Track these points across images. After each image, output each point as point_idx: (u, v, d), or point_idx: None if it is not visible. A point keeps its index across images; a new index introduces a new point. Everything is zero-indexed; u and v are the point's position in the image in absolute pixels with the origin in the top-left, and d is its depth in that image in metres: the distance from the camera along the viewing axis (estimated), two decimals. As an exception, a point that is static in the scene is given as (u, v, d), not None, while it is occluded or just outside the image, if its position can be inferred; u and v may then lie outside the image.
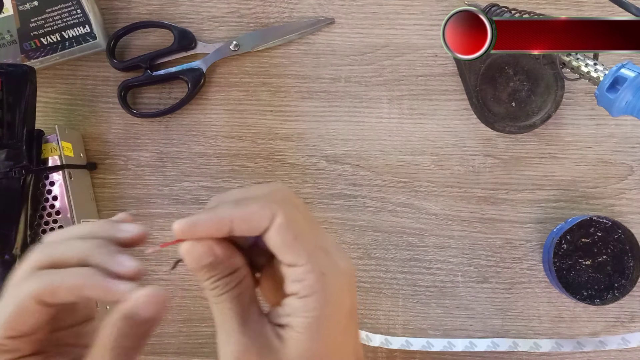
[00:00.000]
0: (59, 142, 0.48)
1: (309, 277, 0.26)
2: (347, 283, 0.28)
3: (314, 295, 0.26)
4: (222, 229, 0.27)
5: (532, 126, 0.50)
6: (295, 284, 0.27)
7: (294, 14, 0.53)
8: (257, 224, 0.27)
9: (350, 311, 0.28)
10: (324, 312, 0.26)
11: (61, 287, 0.27)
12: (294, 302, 0.27)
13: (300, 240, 0.27)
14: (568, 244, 0.48)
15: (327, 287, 0.26)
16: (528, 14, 0.45)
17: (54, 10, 0.49)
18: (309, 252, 0.27)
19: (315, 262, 0.27)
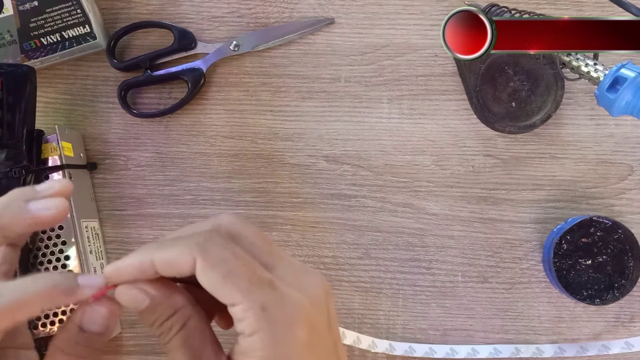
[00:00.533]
0: (59, 142, 0.48)
1: (248, 315, 0.25)
2: (300, 313, 0.26)
3: (257, 334, 0.25)
4: (146, 272, 0.26)
5: (532, 126, 0.50)
6: (239, 323, 0.25)
7: (294, 14, 0.53)
8: (179, 268, 0.26)
9: (310, 343, 0.26)
10: (271, 351, 0.25)
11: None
12: (242, 341, 0.26)
13: (231, 279, 0.25)
14: (568, 244, 0.48)
15: (269, 323, 0.25)
16: (528, 14, 0.45)
17: (54, 10, 0.49)
18: (244, 290, 0.25)
19: (253, 298, 0.25)
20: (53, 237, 0.48)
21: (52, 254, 0.48)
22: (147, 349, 0.52)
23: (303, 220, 0.52)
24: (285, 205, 0.52)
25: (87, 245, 0.49)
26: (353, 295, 0.52)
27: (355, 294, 0.52)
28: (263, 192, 0.52)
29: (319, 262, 0.52)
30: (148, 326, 0.27)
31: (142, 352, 0.52)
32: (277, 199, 0.52)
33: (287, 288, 0.26)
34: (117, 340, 0.52)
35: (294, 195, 0.52)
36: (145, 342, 0.52)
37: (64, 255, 0.48)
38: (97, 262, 0.50)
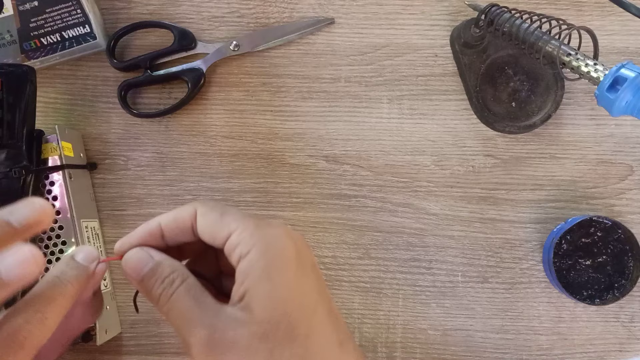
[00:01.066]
0: (59, 142, 0.48)
1: (243, 235, 0.28)
2: (284, 231, 0.30)
3: (253, 248, 0.28)
4: (154, 234, 0.31)
5: (532, 126, 0.50)
6: (236, 250, 0.28)
7: (294, 14, 0.53)
8: (183, 222, 0.30)
9: (298, 255, 0.29)
10: (268, 257, 0.28)
11: None
12: (240, 266, 0.28)
13: (226, 215, 0.29)
14: (568, 244, 0.48)
15: (263, 236, 0.29)
16: (528, 14, 0.45)
17: (54, 10, 0.49)
18: (237, 220, 0.29)
19: (245, 223, 0.29)
20: (53, 237, 0.48)
21: (52, 254, 0.48)
22: (147, 349, 0.52)
23: (303, 220, 0.52)
24: (285, 205, 0.52)
25: (87, 245, 0.49)
26: (353, 295, 0.52)
27: (355, 294, 0.52)
28: (263, 192, 0.52)
29: (319, 262, 0.52)
30: (148, 291, 0.29)
31: (142, 352, 0.52)
32: (277, 199, 0.52)
33: (274, 221, 0.32)
34: (117, 340, 0.52)
35: (294, 195, 0.52)
36: (145, 342, 0.52)
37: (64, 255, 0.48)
38: (97, 262, 0.50)
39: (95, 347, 0.50)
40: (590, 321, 0.51)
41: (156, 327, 0.52)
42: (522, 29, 0.44)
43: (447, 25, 0.52)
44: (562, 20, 0.43)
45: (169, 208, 0.52)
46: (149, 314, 0.52)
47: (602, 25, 0.52)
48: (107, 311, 0.50)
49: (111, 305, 0.51)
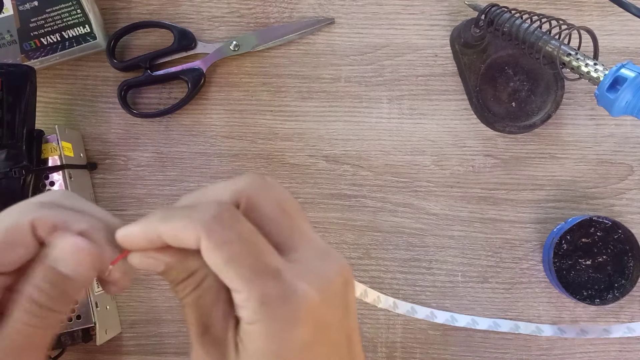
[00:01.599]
0: (59, 142, 0.48)
1: (248, 306, 0.24)
2: (304, 310, 0.24)
3: (255, 325, 0.24)
4: (154, 242, 0.25)
5: (532, 126, 0.50)
6: (240, 310, 0.24)
7: (294, 14, 0.53)
8: (185, 243, 0.24)
9: (312, 342, 0.24)
10: (268, 345, 0.24)
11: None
12: (243, 326, 0.24)
13: (233, 264, 0.24)
14: (568, 244, 0.48)
15: (270, 318, 0.23)
16: (528, 14, 0.45)
17: (54, 10, 0.49)
18: (245, 278, 0.23)
19: (253, 289, 0.23)
20: (53, 237, 0.48)
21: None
22: (147, 349, 0.52)
23: (303, 220, 0.52)
24: (285, 205, 0.52)
25: (87, 245, 0.49)
26: (353, 295, 0.52)
27: (355, 294, 0.52)
28: (263, 192, 0.52)
29: (319, 262, 0.52)
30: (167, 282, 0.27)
31: (142, 352, 0.52)
32: (277, 199, 0.52)
33: (296, 280, 0.24)
34: (117, 340, 0.52)
35: (294, 195, 0.52)
36: (145, 342, 0.52)
37: (64, 255, 0.48)
38: (97, 262, 0.50)
39: (95, 347, 0.50)
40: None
41: (156, 327, 0.52)
42: (522, 29, 0.44)
43: (447, 25, 0.52)
44: (562, 20, 0.43)
45: (169, 208, 0.52)
46: (149, 314, 0.52)
47: (602, 25, 0.52)
48: (107, 311, 0.50)
49: (111, 305, 0.51)
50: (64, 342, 0.48)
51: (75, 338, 0.48)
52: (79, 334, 0.48)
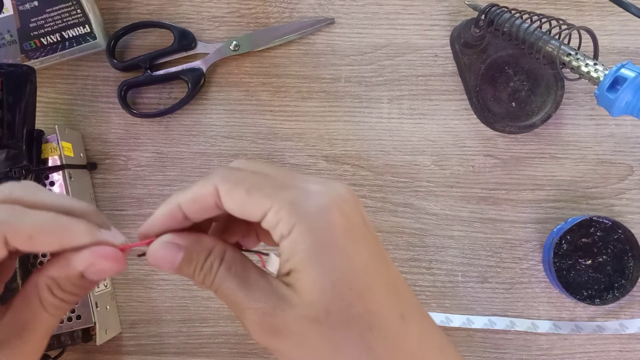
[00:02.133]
0: (59, 142, 0.48)
1: (280, 215, 0.25)
2: (328, 200, 0.26)
3: (294, 229, 0.25)
4: (176, 216, 0.27)
5: (532, 126, 0.50)
6: (276, 230, 0.25)
7: (294, 14, 0.53)
8: (205, 202, 0.26)
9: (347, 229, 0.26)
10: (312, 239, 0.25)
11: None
12: (283, 245, 0.26)
13: (254, 191, 0.26)
14: (568, 244, 0.48)
15: (303, 214, 0.25)
16: (528, 14, 0.45)
17: (54, 10, 0.49)
18: (270, 195, 0.25)
19: (279, 199, 0.25)
20: (53, 237, 0.48)
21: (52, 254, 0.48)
22: (147, 349, 0.52)
23: (303, 220, 0.52)
24: (285, 205, 0.52)
25: (87, 245, 0.49)
26: (353, 295, 0.52)
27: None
28: (263, 192, 0.52)
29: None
30: (189, 277, 0.27)
31: (142, 352, 0.52)
32: (277, 199, 0.52)
33: (312, 185, 0.26)
34: (117, 340, 0.52)
35: (294, 195, 0.52)
36: (145, 342, 0.52)
37: (64, 255, 0.48)
38: (97, 262, 0.50)
39: (95, 347, 0.50)
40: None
41: (156, 327, 0.52)
42: (522, 29, 0.44)
43: (447, 25, 0.52)
44: (562, 20, 0.43)
45: (169, 208, 0.52)
46: (149, 314, 0.52)
47: (602, 25, 0.52)
48: (107, 311, 0.50)
49: (111, 305, 0.51)
50: (64, 342, 0.48)
51: (75, 338, 0.48)
52: (79, 334, 0.48)
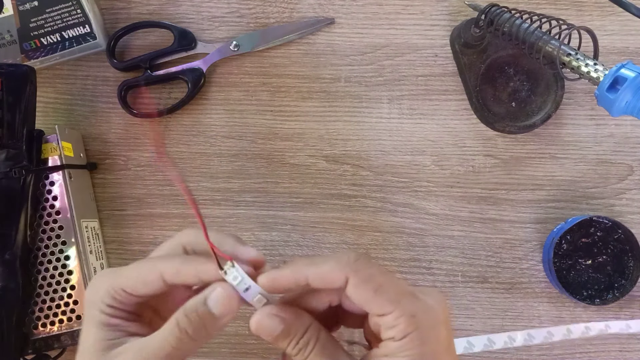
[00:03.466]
0: (59, 142, 0.48)
1: (400, 322, 0.28)
2: (441, 316, 0.30)
3: (409, 336, 0.28)
4: (299, 283, 0.30)
5: (532, 126, 0.50)
6: (389, 330, 0.29)
7: (294, 14, 0.53)
8: (330, 283, 0.29)
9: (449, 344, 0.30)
10: (421, 350, 0.29)
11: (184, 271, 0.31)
12: (390, 344, 0.29)
13: (381, 292, 0.29)
14: (568, 244, 0.48)
15: (420, 327, 0.29)
16: (528, 14, 0.45)
17: (54, 10, 0.49)
18: (394, 300, 0.29)
19: (402, 307, 0.29)
20: (53, 237, 0.48)
21: (52, 254, 0.48)
22: (147, 349, 0.52)
23: (303, 220, 0.52)
24: (285, 205, 0.52)
25: (87, 245, 0.49)
26: (353, 295, 0.52)
27: (355, 294, 0.52)
28: (263, 192, 0.52)
29: (319, 262, 0.52)
30: (283, 348, 0.30)
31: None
32: (277, 199, 0.52)
33: (426, 297, 0.30)
34: (117, 340, 0.52)
35: (294, 195, 0.52)
36: (145, 342, 0.52)
37: (64, 255, 0.48)
38: (97, 262, 0.50)
39: (95, 347, 0.50)
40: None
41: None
42: (522, 29, 0.44)
43: (447, 25, 0.52)
44: (562, 20, 0.43)
45: (168, 208, 0.52)
46: (149, 314, 0.52)
47: (602, 25, 0.52)
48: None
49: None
50: (64, 342, 0.48)
51: (76, 338, 0.48)
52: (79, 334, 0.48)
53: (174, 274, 0.31)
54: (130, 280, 0.32)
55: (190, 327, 0.30)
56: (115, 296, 0.32)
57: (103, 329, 0.32)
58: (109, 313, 0.32)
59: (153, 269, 0.32)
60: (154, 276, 0.32)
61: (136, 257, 0.52)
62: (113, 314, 0.33)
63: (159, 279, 0.31)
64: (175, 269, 0.31)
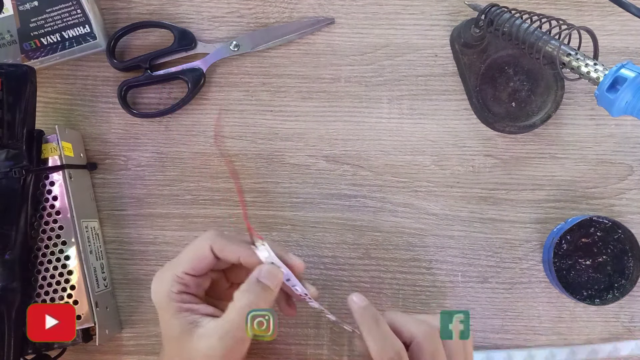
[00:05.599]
0: (59, 142, 0.48)
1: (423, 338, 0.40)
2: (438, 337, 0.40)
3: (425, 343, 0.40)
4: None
5: (532, 126, 0.50)
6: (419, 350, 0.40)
7: (294, 14, 0.53)
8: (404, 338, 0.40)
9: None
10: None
11: (227, 247, 0.40)
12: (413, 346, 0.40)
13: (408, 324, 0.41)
14: (568, 244, 0.48)
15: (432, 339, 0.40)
16: (528, 14, 0.45)
17: (54, 10, 0.49)
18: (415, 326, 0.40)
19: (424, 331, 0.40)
20: (53, 237, 0.48)
21: (52, 254, 0.48)
22: (147, 349, 0.52)
23: (303, 220, 0.52)
24: (285, 205, 0.52)
25: (87, 245, 0.49)
26: (353, 295, 0.52)
27: (355, 294, 0.52)
28: (263, 192, 0.52)
29: (319, 262, 0.52)
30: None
31: (142, 352, 0.52)
32: (277, 199, 0.52)
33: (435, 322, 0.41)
34: (117, 340, 0.52)
35: (294, 195, 0.52)
36: (145, 342, 0.52)
37: (64, 255, 0.48)
38: (97, 262, 0.50)
39: (95, 347, 0.50)
40: (590, 321, 0.51)
41: (156, 327, 0.52)
42: (522, 29, 0.44)
43: (447, 25, 0.52)
44: (562, 20, 0.43)
45: (168, 208, 0.52)
46: (149, 314, 0.52)
47: (602, 25, 0.52)
48: (107, 311, 0.50)
49: (111, 305, 0.51)
50: (64, 342, 0.48)
51: (75, 338, 0.48)
52: (79, 334, 0.48)
53: (220, 249, 0.39)
54: (188, 262, 0.40)
55: (252, 301, 0.37)
56: (180, 282, 0.39)
57: (180, 315, 0.38)
58: (180, 300, 0.39)
59: (204, 245, 0.40)
60: (205, 250, 0.40)
61: (136, 257, 0.52)
62: (183, 299, 0.39)
63: (209, 252, 0.40)
64: (222, 244, 0.40)
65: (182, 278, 0.39)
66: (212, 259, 0.40)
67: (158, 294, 0.40)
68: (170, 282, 0.39)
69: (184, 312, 0.38)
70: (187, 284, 0.40)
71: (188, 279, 0.40)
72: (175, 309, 0.38)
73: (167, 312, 0.39)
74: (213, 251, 0.40)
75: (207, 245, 0.40)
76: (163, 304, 0.39)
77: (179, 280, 0.39)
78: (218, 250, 0.40)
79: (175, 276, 0.39)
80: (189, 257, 0.40)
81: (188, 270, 0.39)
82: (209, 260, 0.40)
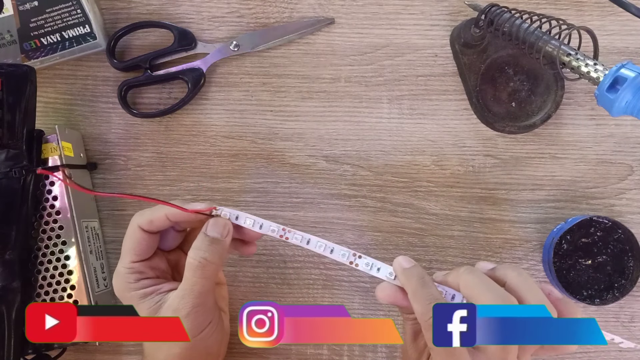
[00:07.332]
0: (59, 142, 0.48)
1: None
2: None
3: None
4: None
5: (532, 126, 0.50)
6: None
7: (294, 14, 0.53)
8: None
9: None
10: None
11: (151, 217, 0.41)
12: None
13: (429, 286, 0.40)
14: (568, 244, 0.48)
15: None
16: (528, 14, 0.45)
17: (54, 10, 0.49)
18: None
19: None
20: (53, 237, 0.48)
21: (52, 254, 0.48)
22: (147, 349, 0.52)
23: (303, 220, 0.52)
24: (285, 205, 0.52)
25: (87, 245, 0.49)
26: (353, 295, 0.52)
27: (355, 294, 0.52)
28: (263, 192, 0.52)
29: (319, 262, 0.52)
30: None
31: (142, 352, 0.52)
32: (277, 199, 0.52)
33: None
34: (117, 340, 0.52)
35: (294, 195, 0.52)
36: (145, 342, 0.52)
37: (64, 255, 0.48)
38: (97, 262, 0.50)
39: (95, 347, 0.51)
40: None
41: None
42: (522, 29, 0.44)
43: (447, 25, 0.52)
44: (562, 20, 0.43)
45: (169, 208, 0.52)
46: (149, 314, 0.52)
47: (602, 25, 0.52)
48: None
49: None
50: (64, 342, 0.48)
51: (75, 338, 0.48)
52: (79, 334, 0.48)
53: (148, 222, 0.41)
54: (129, 251, 0.41)
55: (203, 256, 0.39)
56: (133, 271, 0.41)
57: (146, 299, 0.40)
58: (141, 287, 0.41)
59: (133, 229, 0.41)
60: (137, 233, 0.41)
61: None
62: (144, 285, 0.41)
63: (141, 233, 0.41)
64: (146, 218, 0.41)
65: (132, 267, 0.41)
66: (148, 237, 0.41)
67: (119, 291, 0.42)
68: (124, 275, 0.41)
69: (149, 295, 0.40)
70: (141, 271, 0.41)
71: (138, 265, 0.41)
72: (139, 296, 0.40)
73: (133, 302, 0.40)
74: (144, 229, 0.41)
75: (136, 228, 0.41)
76: (127, 296, 0.41)
77: (130, 270, 0.41)
78: (147, 225, 0.41)
79: (124, 269, 0.41)
80: (127, 247, 0.41)
81: (134, 259, 0.41)
82: (147, 241, 0.41)
